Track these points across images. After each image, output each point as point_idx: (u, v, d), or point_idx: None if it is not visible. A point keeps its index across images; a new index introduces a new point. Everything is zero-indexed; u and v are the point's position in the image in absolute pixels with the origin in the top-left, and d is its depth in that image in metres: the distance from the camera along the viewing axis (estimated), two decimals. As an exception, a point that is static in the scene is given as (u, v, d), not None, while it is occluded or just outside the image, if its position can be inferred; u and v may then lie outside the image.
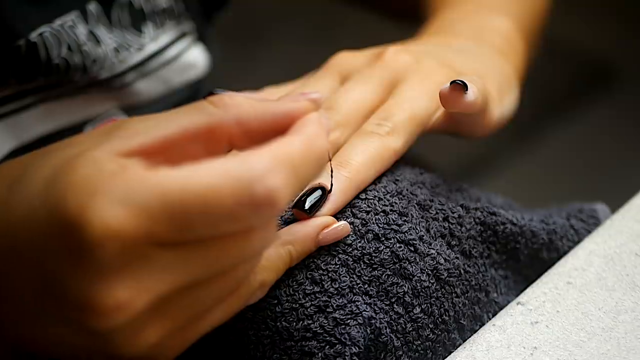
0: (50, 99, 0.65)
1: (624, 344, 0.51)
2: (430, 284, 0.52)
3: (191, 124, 0.42)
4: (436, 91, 0.57)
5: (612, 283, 0.54)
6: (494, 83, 0.62)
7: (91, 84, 0.67)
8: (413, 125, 0.56)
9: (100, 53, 0.66)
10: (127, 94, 0.70)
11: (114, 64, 0.67)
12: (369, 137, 0.54)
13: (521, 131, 1.74)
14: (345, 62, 0.61)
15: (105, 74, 0.67)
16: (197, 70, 0.75)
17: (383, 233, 0.51)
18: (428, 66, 0.59)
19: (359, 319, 0.50)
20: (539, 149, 1.71)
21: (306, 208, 0.51)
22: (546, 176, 1.67)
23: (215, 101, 0.43)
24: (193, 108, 0.43)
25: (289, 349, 0.50)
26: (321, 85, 0.59)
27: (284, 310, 0.50)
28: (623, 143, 1.72)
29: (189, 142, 0.42)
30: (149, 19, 0.70)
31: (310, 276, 0.50)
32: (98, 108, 0.68)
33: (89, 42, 0.65)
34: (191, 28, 0.75)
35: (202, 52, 0.76)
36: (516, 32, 0.73)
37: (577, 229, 0.58)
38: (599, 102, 1.79)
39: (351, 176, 0.52)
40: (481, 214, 0.55)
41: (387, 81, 0.58)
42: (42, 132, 0.65)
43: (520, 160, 1.69)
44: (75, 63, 0.64)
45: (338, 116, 0.55)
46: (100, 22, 0.67)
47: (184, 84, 0.74)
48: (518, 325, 0.52)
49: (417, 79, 0.58)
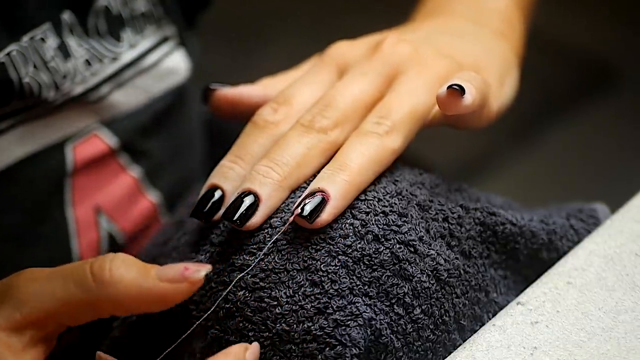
0: (28, 120, 0.63)
1: (624, 344, 0.51)
2: (431, 284, 0.52)
3: (68, 298, 0.47)
4: (436, 83, 0.56)
5: (612, 283, 0.54)
6: (494, 70, 0.61)
7: (67, 100, 0.65)
8: (412, 121, 0.55)
9: (69, 68, 0.64)
10: (106, 107, 0.68)
11: (85, 78, 0.65)
12: (368, 137, 0.54)
13: (521, 131, 1.73)
14: (342, 53, 0.60)
15: (78, 89, 0.65)
16: (179, 76, 0.73)
17: (383, 234, 0.51)
18: (427, 56, 0.58)
19: (359, 320, 0.50)
20: (539, 149, 1.71)
21: (307, 215, 0.50)
22: (546, 176, 1.67)
23: (96, 275, 0.47)
24: (75, 278, 0.47)
25: (289, 352, 0.50)
26: (318, 79, 0.58)
27: (284, 312, 0.50)
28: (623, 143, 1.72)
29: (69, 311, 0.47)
30: (127, 25, 0.68)
31: (310, 278, 0.50)
32: (78, 124, 0.66)
33: (56, 57, 0.63)
34: (173, 32, 0.73)
35: (183, 57, 0.74)
36: (515, 9, 0.71)
37: (577, 229, 0.58)
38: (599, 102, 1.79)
39: (350, 179, 0.52)
40: (481, 214, 0.55)
41: (385, 74, 0.57)
42: (22, 155, 0.63)
43: (520, 160, 1.69)
44: (44, 81, 0.62)
45: (337, 113, 0.55)
46: (74, 33, 0.64)
47: (165, 91, 0.72)
48: (518, 325, 0.52)
49: (416, 71, 0.57)
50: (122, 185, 0.70)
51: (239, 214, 0.51)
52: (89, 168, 0.67)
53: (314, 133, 0.54)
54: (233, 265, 0.51)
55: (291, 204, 0.52)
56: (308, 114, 0.55)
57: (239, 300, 0.50)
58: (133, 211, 0.71)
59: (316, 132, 0.54)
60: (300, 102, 0.57)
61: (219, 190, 0.53)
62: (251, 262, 0.51)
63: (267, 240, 0.51)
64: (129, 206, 0.71)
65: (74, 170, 0.66)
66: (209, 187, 0.54)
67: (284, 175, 0.53)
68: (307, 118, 0.55)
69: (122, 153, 0.69)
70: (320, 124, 0.54)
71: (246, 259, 0.51)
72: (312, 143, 0.54)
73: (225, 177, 0.54)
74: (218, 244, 0.53)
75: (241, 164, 0.54)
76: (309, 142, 0.54)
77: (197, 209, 0.53)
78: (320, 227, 0.51)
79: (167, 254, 0.58)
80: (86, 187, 0.68)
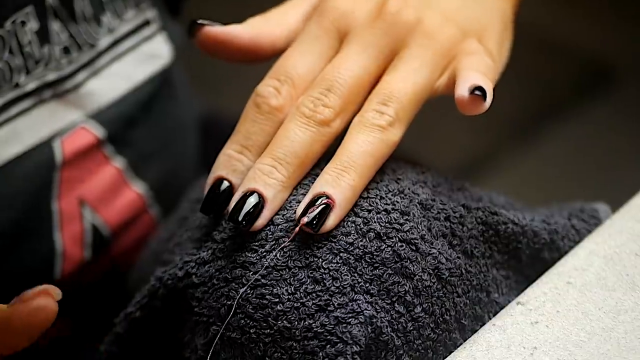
0: (11, 118, 0.62)
1: (624, 344, 0.51)
2: (432, 283, 0.52)
3: None
4: (440, 57, 0.55)
5: (612, 283, 0.54)
6: (495, 35, 0.59)
7: (41, 87, 0.64)
8: (414, 105, 0.54)
9: (44, 53, 0.63)
10: (87, 98, 0.67)
11: (61, 65, 0.64)
12: (371, 132, 0.53)
13: (521, 130, 1.73)
14: (343, 14, 0.57)
15: (51, 76, 0.64)
16: (162, 60, 0.72)
17: (385, 232, 0.52)
18: (431, 25, 0.56)
19: (360, 317, 0.50)
20: (539, 149, 1.71)
21: (312, 223, 0.50)
22: (547, 176, 1.67)
23: None
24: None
25: (290, 349, 0.50)
26: (319, 49, 0.56)
27: (285, 309, 0.50)
28: (623, 143, 1.72)
29: None
30: (107, 9, 0.67)
31: (311, 275, 0.50)
32: (63, 119, 0.65)
33: (33, 42, 0.62)
34: (154, 16, 0.71)
35: (165, 41, 0.72)
36: None
37: (579, 229, 0.58)
38: (599, 102, 1.79)
39: (355, 183, 0.52)
40: (483, 213, 0.55)
41: (388, 48, 0.56)
42: (10, 156, 0.63)
43: (520, 160, 1.69)
44: (16, 64, 0.61)
45: (338, 100, 0.54)
46: (59, 16, 0.63)
47: (149, 76, 0.71)
48: (518, 325, 0.52)
49: (419, 45, 0.56)
50: (106, 176, 0.69)
51: (243, 214, 0.51)
52: (76, 161, 0.67)
53: (317, 126, 0.53)
54: (235, 262, 0.51)
55: (293, 201, 0.53)
56: (309, 100, 0.54)
57: (240, 297, 0.50)
58: (118, 202, 0.70)
59: (319, 125, 0.53)
60: (302, 77, 0.55)
61: (226, 182, 0.53)
62: (253, 260, 0.51)
63: (269, 237, 0.51)
64: (113, 197, 0.70)
65: (62, 163, 0.66)
66: (215, 179, 0.53)
67: (287, 176, 0.52)
68: (309, 106, 0.54)
69: (107, 144, 0.69)
70: (322, 116, 0.53)
71: (248, 256, 0.51)
72: (315, 138, 0.53)
73: (234, 170, 0.53)
74: (220, 241, 0.53)
75: (248, 155, 0.54)
76: (311, 137, 0.53)
77: (205, 203, 0.53)
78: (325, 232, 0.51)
79: (170, 251, 0.58)
80: (72, 180, 0.67)
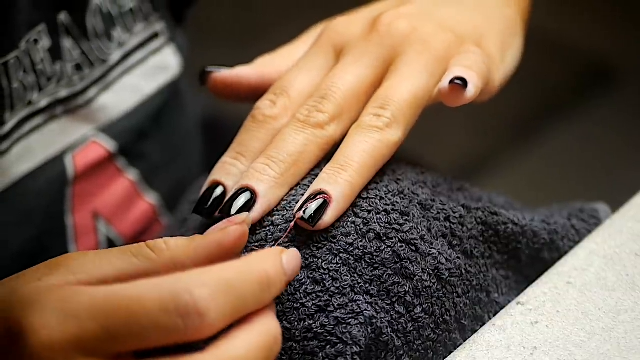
0: (24, 135, 0.63)
1: (624, 344, 0.51)
2: (432, 283, 0.52)
3: (126, 268, 0.45)
4: (436, 63, 0.55)
5: (612, 283, 0.54)
6: (496, 38, 0.59)
7: (53, 104, 0.64)
8: (412, 108, 0.54)
9: (56, 70, 0.63)
10: (98, 112, 0.67)
11: (72, 81, 0.64)
12: (368, 132, 0.53)
13: (521, 131, 1.74)
14: (339, 32, 0.58)
15: (63, 93, 0.64)
16: (171, 72, 0.72)
17: (384, 232, 0.52)
18: (426, 33, 0.56)
19: (360, 318, 0.50)
20: (539, 149, 1.71)
21: (309, 218, 0.50)
22: (546, 176, 1.67)
23: (152, 246, 0.46)
24: (132, 250, 0.46)
25: (290, 349, 0.50)
26: (315, 65, 0.57)
27: (285, 310, 0.50)
28: (623, 143, 1.72)
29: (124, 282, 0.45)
30: (117, 24, 0.67)
31: (311, 275, 0.50)
32: (74, 134, 0.66)
33: (45, 60, 0.62)
34: (162, 28, 0.72)
35: (174, 52, 0.73)
36: None
37: (579, 229, 0.58)
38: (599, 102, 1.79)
39: (352, 180, 0.52)
40: (482, 213, 0.55)
41: (383, 57, 0.56)
42: (23, 172, 0.63)
43: (520, 160, 1.69)
44: (29, 82, 0.61)
45: (333, 107, 0.54)
46: (71, 34, 0.64)
47: (158, 88, 0.72)
48: (518, 325, 0.52)
49: (415, 51, 0.56)
50: (120, 189, 0.70)
51: (236, 209, 0.51)
52: (88, 175, 0.67)
53: (311, 129, 0.54)
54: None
55: (292, 202, 0.53)
56: (304, 108, 0.55)
57: None
58: (131, 214, 0.71)
59: (312, 128, 0.54)
60: (298, 91, 0.56)
61: (221, 186, 0.53)
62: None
63: (268, 237, 0.51)
64: (127, 209, 0.71)
65: (74, 178, 0.66)
66: (210, 183, 0.54)
67: (280, 172, 0.53)
68: (304, 113, 0.54)
69: (120, 157, 0.69)
70: (316, 119, 0.54)
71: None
72: (309, 139, 0.54)
73: (227, 174, 0.54)
74: (220, 242, 0.53)
75: (242, 160, 0.54)
76: (305, 138, 0.54)
77: (199, 205, 0.53)
78: (323, 229, 0.51)
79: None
80: (85, 194, 0.68)
